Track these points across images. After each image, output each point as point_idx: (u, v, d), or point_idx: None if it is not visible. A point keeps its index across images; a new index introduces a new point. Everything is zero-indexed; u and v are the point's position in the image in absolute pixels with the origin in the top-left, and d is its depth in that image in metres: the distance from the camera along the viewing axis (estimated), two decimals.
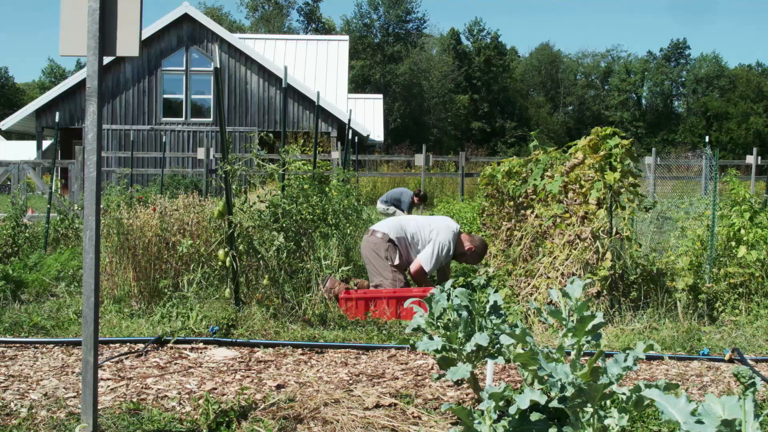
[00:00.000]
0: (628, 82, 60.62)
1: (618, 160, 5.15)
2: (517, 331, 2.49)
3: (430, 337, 3.02)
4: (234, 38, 23.91)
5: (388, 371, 3.90)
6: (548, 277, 5.47)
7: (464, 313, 2.99)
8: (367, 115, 31.08)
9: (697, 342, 4.62)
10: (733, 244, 5.77)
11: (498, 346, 2.98)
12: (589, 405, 1.94)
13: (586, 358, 3.02)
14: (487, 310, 3.07)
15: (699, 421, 1.41)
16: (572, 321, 2.39)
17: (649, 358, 4.30)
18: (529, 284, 5.77)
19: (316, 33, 54.71)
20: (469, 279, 7.21)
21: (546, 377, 2.03)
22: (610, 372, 2.01)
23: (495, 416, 1.95)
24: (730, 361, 4.28)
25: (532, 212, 7.06)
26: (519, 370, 2.94)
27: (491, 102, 57.72)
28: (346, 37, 29.99)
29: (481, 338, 2.87)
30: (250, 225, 4.78)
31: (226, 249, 4.66)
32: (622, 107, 59.71)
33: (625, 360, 2.05)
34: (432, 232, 5.90)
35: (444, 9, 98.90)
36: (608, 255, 5.17)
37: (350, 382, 3.68)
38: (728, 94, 56.22)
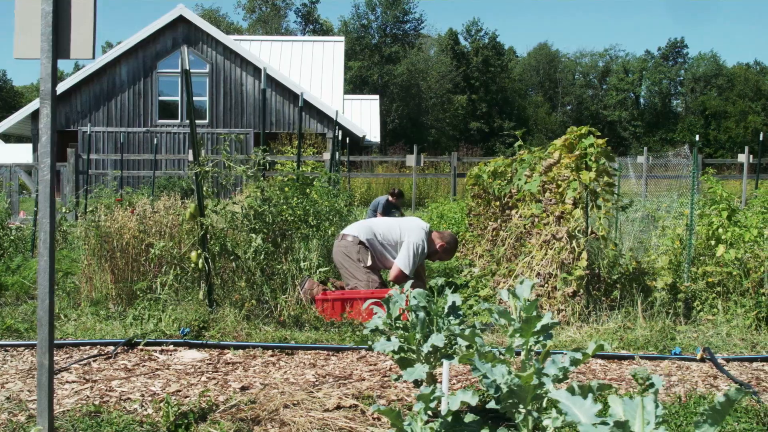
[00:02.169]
0: (627, 81, 60.59)
1: (593, 159, 5.14)
2: (467, 331, 2.48)
3: (388, 338, 3.02)
4: (229, 40, 23.91)
5: (356, 372, 3.90)
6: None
7: (421, 314, 2.98)
8: (364, 116, 31.03)
9: (670, 341, 4.62)
10: (713, 242, 5.76)
11: (456, 346, 2.97)
12: (521, 406, 1.94)
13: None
14: (446, 310, 3.07)
15: (603, 423, 1.41)
16: (519, 322, 2.38)
17: (620, 358, 4.29)
18: (507, 284, 5.77)
19: (314, 34, 54.76)
20: (450, 279, 7.22)
21: (483, 378, 2.02)
22: (548, 373, 2.00)
23: (426, 417, 1.94)
24: (702, 360, 4.27)
25: (516, 212, 7.07)
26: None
27: (489, 102, 57.69)
28: (342, 38, 29.96)
29: (437, 339, 2.87)
30: (224, 227, 4.78)
31: (199, 251, 4.66)
32: (621, 106, 59.69)
33: (563, 361, 2.04)
34: (403, 233, 5.89)
35: (442, 9, 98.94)
36: (584, 255, 5.16)
37: (316, 383, 3.67)
38: (726, 92, 56.17)
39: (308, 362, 4.09)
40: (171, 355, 4.18)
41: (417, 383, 3.20)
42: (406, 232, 5.95)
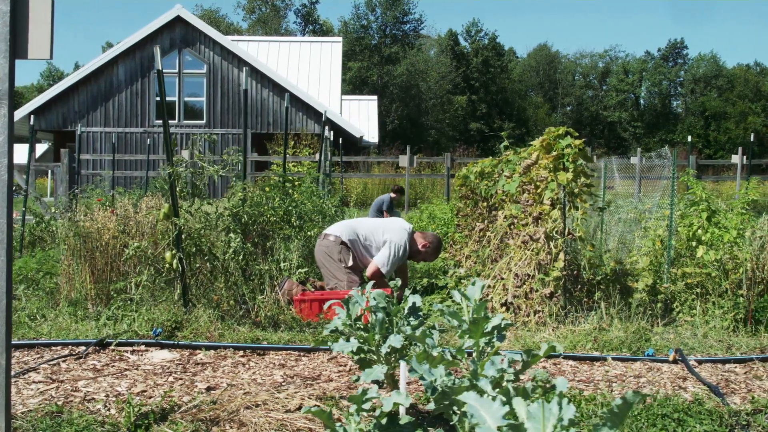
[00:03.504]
0: (626, 82, 60.55)
1: (570, 160, 5.14)
2: (418, 332, 2.48)
3: (347, 339, 3.01)
4: (226, 40, 23.95)
5: (325, 373, 3.89)
6: (502, 278, 5.46)
7: (380, 315, 2.98)
8: (362, 117, 31.07)
9: (645, 343, 4.61)
10: (694, 244, 5.75)
11: (413, 347, 2.97)
12: (455, 407, 1.93)
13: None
14: (406, 311, 3.06)
15: (508, 425, 1.41)
16: (468, 323, 2.38)
17: (593, 359, 4.28)
18: (486, 285, 5.76)
19: (314, 34, 54.77)
20: (433, 280, 7.22)
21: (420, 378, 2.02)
22: (486, 374, 1.99)
23: (358, 419, 1.94)
24: (674, 362, 4.26)
25: (502, 213, 7.06)
26: None
27: (489, 103, 57.69)
28: (340, 39, 29.99)
29: (394, 340, 2.86)
30: (199, 227, 4.78)
31: (174, 251, 4.66)
32: (621, 107, 59.64)
33: (502, 362, 2.04)
34: (386, 233, 5.89)
35: (442, 10, 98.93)
36: (561, 256, 5.15)
37: (283, 384, 3.67)
38: (726, 93, 56.10)
39: (278, 363, 4.09)
40: (142, 355, 4.17)
41: (378, 384, 3.20)
42: (389, 233, 5.96)
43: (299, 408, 3.23)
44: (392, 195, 12.83)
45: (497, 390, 1.93)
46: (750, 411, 3.36)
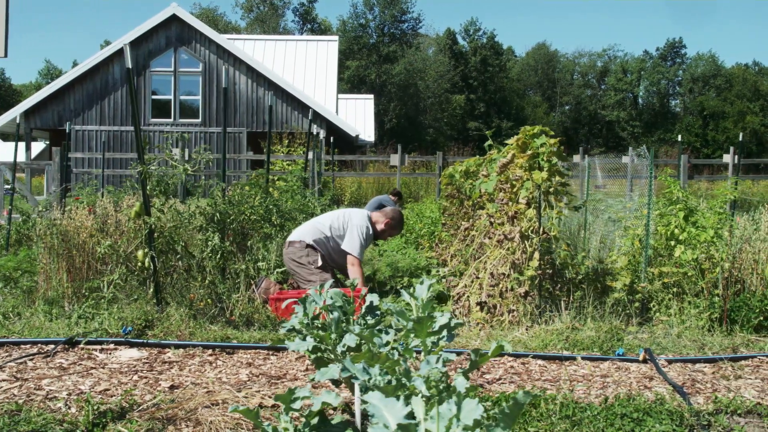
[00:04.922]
0: (625, 81, 60.51)
1: (545, 159, 5.13)
2: (366, 332, 2.48)
3: (304, 338, 3.01)
4: (222, 39, 23.91)
5: (291, 372, 3.90)
6: (478, 277, 5.45)
7: (336, 314, 2.97)
8: (359, 116, 31.06)
9: (617, 342, 4.60)
10: (672, 243, 5.75)
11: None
12: None
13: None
14: (363, 310, 3.06)
15: (400, 426, 1.40)
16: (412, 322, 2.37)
17: (562, 359, 4.28)
18: (463, 284, 5.76)
19: (312, 33, 54.76)
20: (413, 280, 7.21)
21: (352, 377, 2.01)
22: (421, 374, 1.99)
23: (287, 418, 1.94)
24: (644, 361, 4.26)
25: (485, 211, 7.06)
26: None
27: (488, 102, 57.68)
28: (336, 38, 29.95)
29: (349, 339, 2.86)
30: (171, 225, 4.77)
31: (146, 249, 4.65)
32: (619, 107, 59.62)
33: (437, 361, 2.03)
34: (352, 219, 5.97)
35: (440, 9, 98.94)
36: (536, 255, 5.15)
37: (248, 382, 3.67)
38: (724, 93, 56.09)
39: (246, 362, 4.08)
40: (110, 354, 4.17)
41: (336, 383, 3.19)
42: (349, 217, 6.05)
43: (259, 407, 3.23)
44: (392, 198, 12.75)
45: (431, 390, 1.93)
46: (712, 411, 3.36)
